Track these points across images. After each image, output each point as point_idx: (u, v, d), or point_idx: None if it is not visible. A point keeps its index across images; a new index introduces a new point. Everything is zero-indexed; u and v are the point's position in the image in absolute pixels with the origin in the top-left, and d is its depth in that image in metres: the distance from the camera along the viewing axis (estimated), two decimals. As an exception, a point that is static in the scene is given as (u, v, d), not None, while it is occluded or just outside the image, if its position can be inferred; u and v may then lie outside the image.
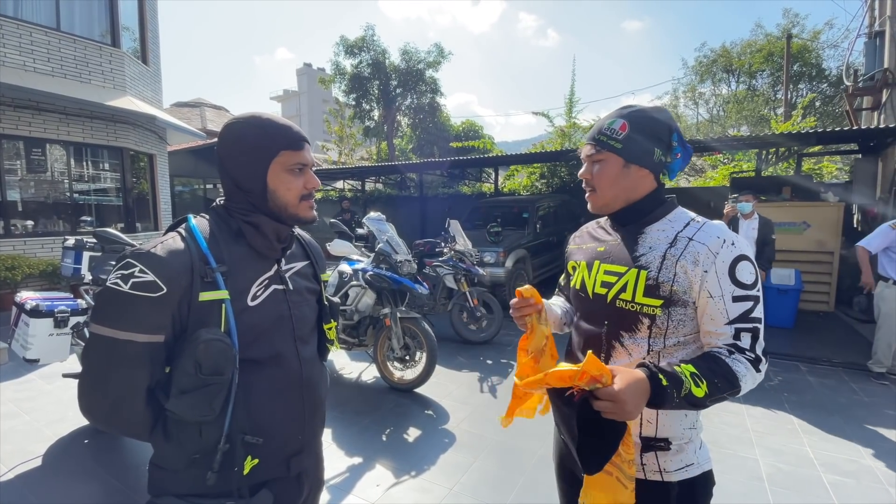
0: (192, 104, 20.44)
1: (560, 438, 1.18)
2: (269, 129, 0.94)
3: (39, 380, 3.97)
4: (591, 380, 0.81)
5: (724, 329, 0.93)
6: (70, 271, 2.73)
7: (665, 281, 0.96)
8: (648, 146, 1.00)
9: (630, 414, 0.80)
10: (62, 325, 2.49)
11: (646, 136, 1.00)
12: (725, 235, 0.96)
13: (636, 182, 1.03)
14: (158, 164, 9.39)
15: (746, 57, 21.42)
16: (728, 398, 0.90)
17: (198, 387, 0.82)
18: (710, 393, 0.87)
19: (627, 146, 1.00)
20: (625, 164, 1.01)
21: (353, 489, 2.42)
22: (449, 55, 18.26)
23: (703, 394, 0.86)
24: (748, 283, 0.93)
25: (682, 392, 0.85)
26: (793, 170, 8.02)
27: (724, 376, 0.89)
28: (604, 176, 1.04)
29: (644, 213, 1.05)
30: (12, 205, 7.05)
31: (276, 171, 0.94)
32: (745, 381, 0.90)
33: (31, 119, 6.95)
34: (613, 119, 1.03)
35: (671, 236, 1.00)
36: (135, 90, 8.38)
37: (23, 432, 3.03)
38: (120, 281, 0.82)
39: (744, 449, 2.85)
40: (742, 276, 0.93)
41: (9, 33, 6.62)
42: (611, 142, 1.01)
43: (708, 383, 0.87)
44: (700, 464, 1.03)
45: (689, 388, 0.85)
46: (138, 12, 8.95)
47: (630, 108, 1.05)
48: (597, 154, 1.04)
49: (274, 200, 0.95)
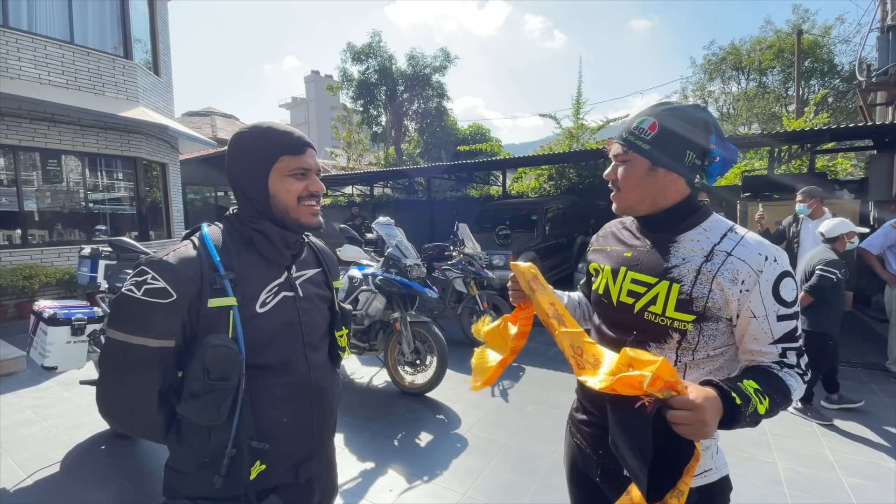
0: (203, 113, 20.74)
1: (574, 442, 1.16)
2: (270, 136, 0.96)
3: (57, 387, 4.03)
4: (665, 386, 0.71)
5: (769, 349, 0.89)
6: (86, 280, 2.78)
7: (699, 297, 0.90)
8: (680, 149, 0.93)
9: (707, 429, 0.73)
10: (79, 333, 2.53)
11: (678, 137, 0.93)
12: (767, 251, 0.90)
13: (664, 186, 0.96)
14: (171, 173, 9.53)
15: (756, 54, 21.19)
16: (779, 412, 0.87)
17: (206, 391, 0.84)
18: (770, 409, 0.83)
19: (655, 148, 0.93)
20: (651, 166, 0.94)
21: (366, 494, 2.42)
22: (455, 59, 18.36)
23: (764, 410, 0.82)
24: (790, 301, 0.89)
25: (749, 410, 0.80)
26: (806, 168, 7.90)
27: (781, 391, 0.86)
28: (628, 178, 0.97)
29: (676, 219, 0.98)
30: (29, 215, 7.20)
31: (277, 175, 0.96)
32: (795, 394, 0.88)
33: (47, 131, 7.10)
34: (644, 117, 0.96)
35: (707, 248, 0.93)
36: (147, 101, 8.52)
37: (41, 439, 3.08)
38: (134, 287, 0.85)
39: (762, 452, 2.79)
40: (785, 293, 0.89)
41: (24, 47, 6.78)
42: (637, 142, 0.95)
43: (769, 400, 0.83)
44: (718, 469, 1.01)
45: (755, 406, 0.81)
46: (150, 24, 9.12)
47: (664, 105, 0.97)
48: (623, 154, 0.98)
49: (276, 205, 0.97)
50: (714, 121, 0.96)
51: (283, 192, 0.96)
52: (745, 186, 6.98)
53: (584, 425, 1.11)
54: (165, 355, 0.85)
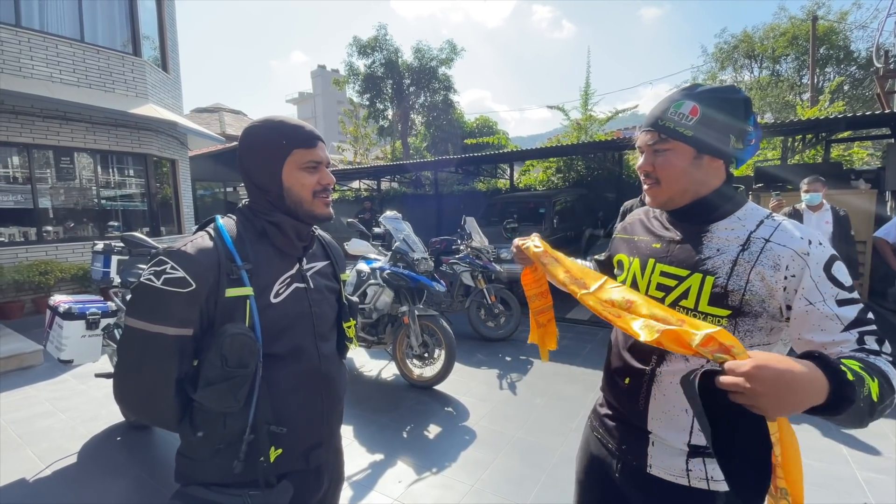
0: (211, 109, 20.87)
1: (594, 437, 1.11)
2: (282, 130, 0.97)
3: (73, 380, 4.11)
4: (719, 348, 0.63)
5: (843, 336, 0.77)
6: (100, 275, 2.82)
7: (735, 289, 0.84)
8: (724, 133, 0.87)
9: (769, 402, 0.61)
10: (94, 327, 2.57)
11: (721, 121, 0.87)
12: (810, 235, 0.83)
13: (708, 174, 0.90)
14: (180, 169, 9.62)
15: (769, 41, 20.73)
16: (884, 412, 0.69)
17: (224, 379, 0.86)
18: (882, 396, 0.67)
19: (700, 133, 0.87)
20: (696, 154, 0.88)
21: (375, 485, 2.45)
22: (462, 52, 18.22)
23: (877, 396, 0.67)
24: (848, 286, 0.80)
25: (864, 391, 0.64)
26: (821, 157, 7.75)
27: (883, 375, 0.70)
28: (671, 168, 0.90)
29: (711, 208, 0.91)
30: (44, 212, 7.33)
31: (291, 169, 0.97)
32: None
33: (60, 129, 7.19)
34: (680, 101, 0.89)
35: (743, 237, 0.87)
36: (156, 98, 8.59)
37: (59, 430, 3.15)
38: (153, 277, 0.86)
39: (773, 445, 2.77)
40: (841, 276, 0.80)
41: (36, 46, 6.86)
42: (679, 128, 0.88)
43: (879, 383, 0.68)
44: None
45: (868, 388, 0.65)
46: (157, 21, 9.16)
47: (699, 87, 0.91)
48: (661, 143, 0.91)
49: (290, 198, 0.98)
50: (751, 102, 0.92)
51: (297, 186, 0.97)
52: (757, 177, 6.87)
53: (607, 419, 1.07)
54: (183, 344, 0.87)
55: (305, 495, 1.01)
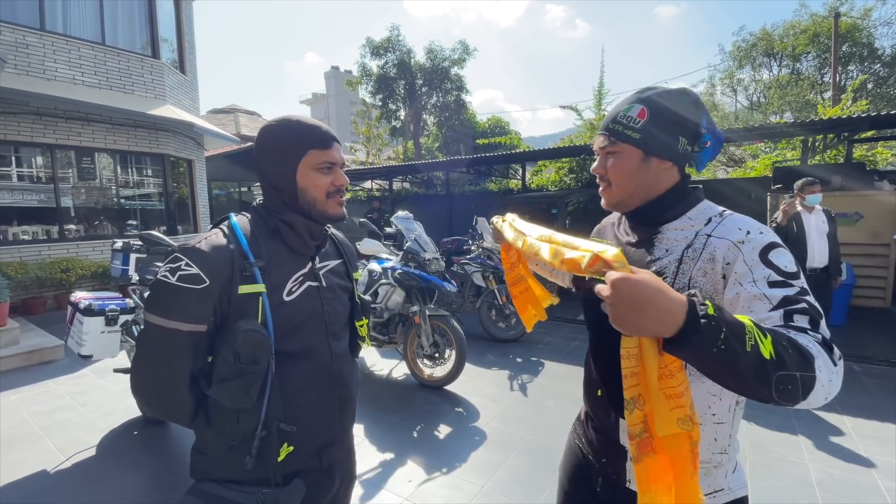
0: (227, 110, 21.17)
1: (577, 446, 1.10)
2: (298, 130, 0.97)
3: (93, 374, 4.21)
4: (603, 265, 0.66)
5: (769, 314, 0.73)
6: (119, 272, 2.88)
7: (681, 288, 0.84)
8: (672, 135, 0.87)
9: (621, 313, 0.61)
10: (112, 323, 2.63)
11: (669, 123, 0.87)
12: (749, 225, 0.82)
13: (657, 176, 0.90)
14: (197, 169, 9.78)
15: (790, 39, 20.27)
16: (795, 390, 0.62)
17: (236, 375, 0.87)
18: (780, 358, 0.61)
19: (647, 136, 0.87)
20: (644, 156, 0.89)
21: (386, 484, 2.46)
22: (474, 52, 18.21)
23: (769, 354, 0.60)
24: (789, 271, 0.75)
25: (748, 341, 0.60)
26: (843, 157, 7.56)
27: (796, 348, 0.64)
28: (620, 170, 0.91)
29: (662, 210, 0.91)
30: (66, 211, 7.51)
31: (305, 169, 0.98)
32: (820, 368, 0.64)
33: (81, 129, 7.37)
34: (630, 104, 0.90)
35: (690, 236, 0.86)
36: (174, 99, 8.75)
37: (78, 424, 3.23)
38: (168, 274, 0.87)
39: (793, 453, 2.71)
40: (778, 261, 0.76)
41: (59, 49, 7.04)
42: (627, 131, 0.89)
43: (776, 345, 0.62)
44: (732, 489, 0.90)
45: (753, 337, 0.60)
46: (175, 24, 9.33)
47: (650, 90, 0.91)
48: (611, 146, 0.91)
49: (304, 198, 0.99)
50: (703, 105, 0.91)
51: (311, 187, 0.98)
52: (776, 178, 6.73)
53: (589, 429, 1.06)
54: (196, 340, 0.88)
55: (318, 494, 1.02)
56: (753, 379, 0.61)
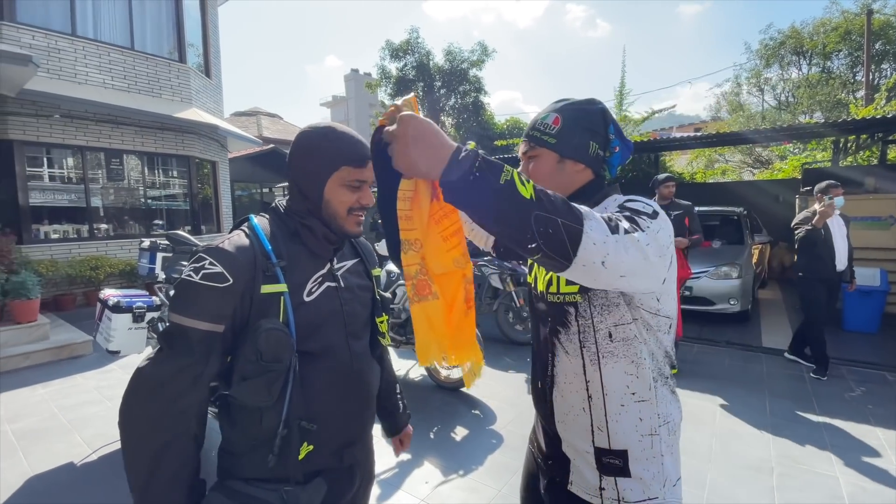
0: (249, 113, 21.63)
1: (530, 450, 1.15)
2: (337, 143, 0.97)
3: (119, 370, 4.34)
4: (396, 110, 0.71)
5: None
6: (146, 271, 2.96)
7: None
8: (583, 140, 0.96)
9: (402, 148, 0.66)
10: (139, 320, 2.70)
11: (580, 129, 0.96)
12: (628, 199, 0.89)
13: (572, 177, 0.99)
14: (220, 171, 10.00)
15: (819, 37, 19.63)
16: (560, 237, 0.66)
17: (258, 373, 0.87)
18: (538, 199, 0.65)
19: (561, 141, 0.96)
20: (559, 159, 0.97)
21: (403, 485, 2.46)
22: (493, 53, 18.18)
23: (530, 194, 0.65)
24: (640, 210, 0.83)
25: (503, 176, 0.65)
26: (876, 159, 7.29)
27: (563, 200, 0.69)
28: (539, 172, 0.99)
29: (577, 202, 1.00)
30: (95, 210, 7.77)
31: (334, 183, 0.98)
32: (591, 227, 0.68)
33: (111, 132, 7.62)
34: (546, 114, 1.00)
35: None
36: (199, 102, 8.97)
37: (105, 418, 3.33)
38: (193, 273, 0.88)
39: (822, 465, 2.61)
40: (635, 204, 0.86)
41: (90, 54, 7.29)
42: (544, 137, 0.98)
43: (537, 189, 0.67)
44: (667, 502, 0.90)
45: (511, 177, 0.65)
46: (201, 29, 9.57)
47: (563, 101, 1.01)
48: (531, 150, 1.00)
49: (326, 210, 0.99)
50: (610, 114, 1.00)
51: (335, 201, 0.98)
52: (805, 180, 6.54)
53: (538, 431, 1.11)
54: (212, 341, 0.88)
55: (338, 493, 1.02)
56: (514, 212, 0.65)
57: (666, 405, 0.92)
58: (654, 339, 0.90)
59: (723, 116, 22.38)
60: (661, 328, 0.91)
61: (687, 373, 4.09)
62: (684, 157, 15.71)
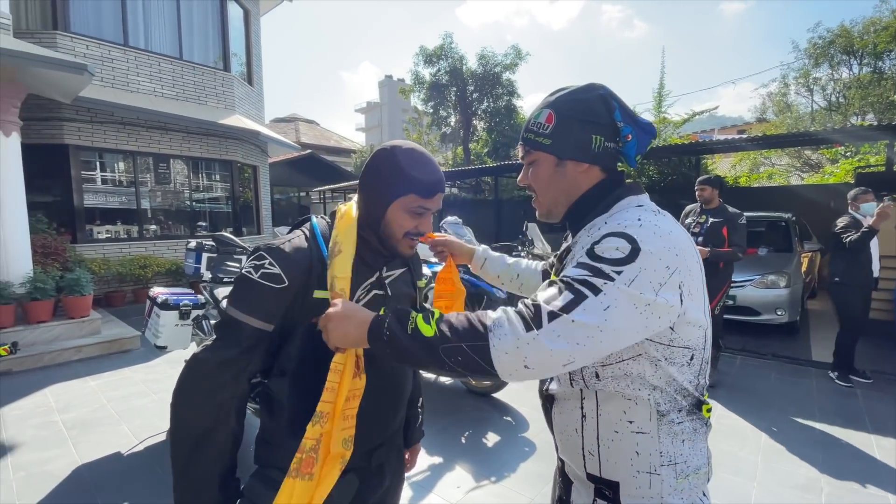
0: (288, 119, 22.34)
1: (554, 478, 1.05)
2: (410, 170, 0.96)
3: (165, 364, 4.54)
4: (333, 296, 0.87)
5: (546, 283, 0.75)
6: (191, 270, 3.09)
7: None
8: (583, 135, 0.82)
9: (331, 336, 0.79)
10: (185, 318, 2.83)
11: (578, 123, 0.82)
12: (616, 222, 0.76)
13: (575, 180, 0.86)
14: (261, 175, 10.37)
15: (870, 36, 18.48)
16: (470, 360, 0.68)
17: (298, 371, 0.91)
18: (440, 335, 0.69)
19: (557, 140, 0.83)
20: (558, 161, 0.85)
21: (434, 488, 2.46)
22: (527, 56, 18.05)
23: (432, 332, 0.70)
24: (608, 258, 0.70)
25: (409, 326, 0.71)
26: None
27: (465, 323, 0.70)
28: (538, 179, 0.88)
29: (580, 215, 0.87)
30: (144, 212, 8.20)
31: (398, 207, 0.97)
32: (497, 337, 0.67)
33: (160, 138, 8.04)
34: (539, 111, 0.86)
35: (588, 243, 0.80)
36: (242, 109, 9.34)
37: (151, 410, 3.49)
38: (252, 270, 0.91)
39: (873, 486, 2.44)
40: (605, 248, 0.72)
41: (142, 64, 7.73)
42: (539, 138, 0.85)
43: (438, 322, 0.71)
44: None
45: (415, 324, 0.71)
46: (245, 39, 9.98)
47: (556, 92, 0.87)
48: (528, 155, 0.89)
49: (385, 228, 1.00)
50: (614, 96, 0.84)
51: (394, 224, 0.98)
52: (858, 184, 6.14)
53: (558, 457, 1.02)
54: (260, 337, 0.91)
55: (367, 491, 1.04)
56: (425, 355, 0.71)
57: (674, 444, 0.78)
58: (661, 375, 0.76)
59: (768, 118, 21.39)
60: (676, 361, 0.76)
61: (729, 386, 3.92)
62: (727, 160, 15.10)
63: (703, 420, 0.81)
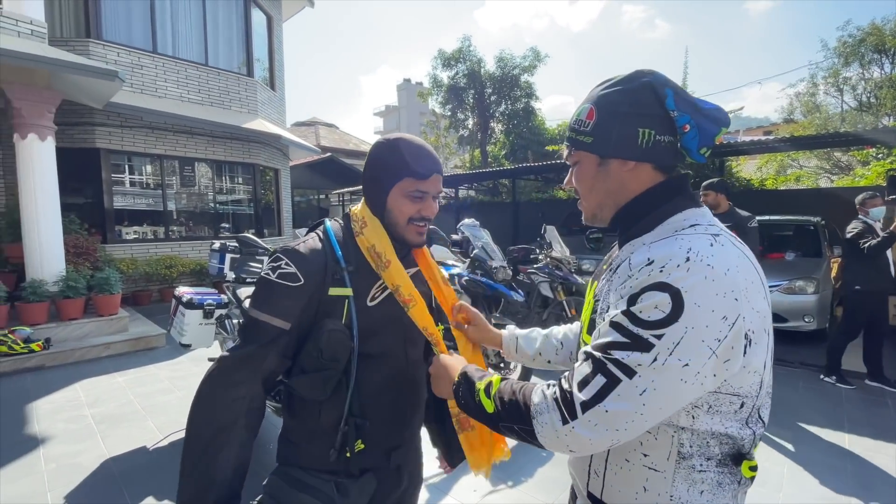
0: (308, 123, 22.72)
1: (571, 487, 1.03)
2: (402, 155, 0.99)
3: (189, 362, 4.66)
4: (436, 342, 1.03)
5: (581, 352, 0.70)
6: (215, 270, 3.17)
7: (600, 313, 0.75)
8: (627, 129, 0.73)
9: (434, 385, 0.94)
10: (209, 317, 2.90)
11: (621, 116, 0.74)
12: (658, 254, 0.66)
13: (622, 180, 0.77)
14: (282, 178, 10.57)
15: (904, 34, 17.80)
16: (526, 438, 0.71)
17: (316, 369, 0.93)
18: (496, 413, 0.75)
19: (599, 137, 0.75)
20: (600, 160, 0.77)
21: (451, 491, 2.46)
22: (545, 58, 17.95)
23: (492, 409, 0.76)
24: (646, 320, 0.62)
25: (475, 397, 0.78)
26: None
27: (516, 406, 0.73)
28: (582, 181, 0.82)
29: (627, 223, 0.79)
30: (170, 213, 8.44)
31: (397, 193, 1.01)
32: (542, 424, 0.68)
33: (187, 141, 8.27)
34: (581, 107, 0.79)
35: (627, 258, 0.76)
36: (264, 113, 9.54)
37: (175, 406, 3.58)
38: (270, 272, 0.95)
39: (915, 504, 2.34)
40: (644, 307, 0.63)
41: (170, 70, 7.97)
42: (580, 137, 0.78)
43: (496, 401, 0.76)
44: None
45: (479, 398, 0.78)
46: (267, 45, 10.20)
47: (601, 84, 0.79)
48: (570, 157, 0.83)
49: (388, 218, 1.02)
50: (665, 82, 0.74)
51: (396, 210, 1.01)
52: (890, 187, 5.91)
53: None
54: (279, 336, 0.93)
55: (385, 491, 1.06)
56: (492, 426, 0.78)
57: (690, 492, 0.69)
58: (702, 422, 0.68)
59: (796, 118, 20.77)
60: (721, 409, 0.67)
61: (754, 394, 3.81)
62: (752, 161, 14.72)
63: (735, 476, 0.70)
